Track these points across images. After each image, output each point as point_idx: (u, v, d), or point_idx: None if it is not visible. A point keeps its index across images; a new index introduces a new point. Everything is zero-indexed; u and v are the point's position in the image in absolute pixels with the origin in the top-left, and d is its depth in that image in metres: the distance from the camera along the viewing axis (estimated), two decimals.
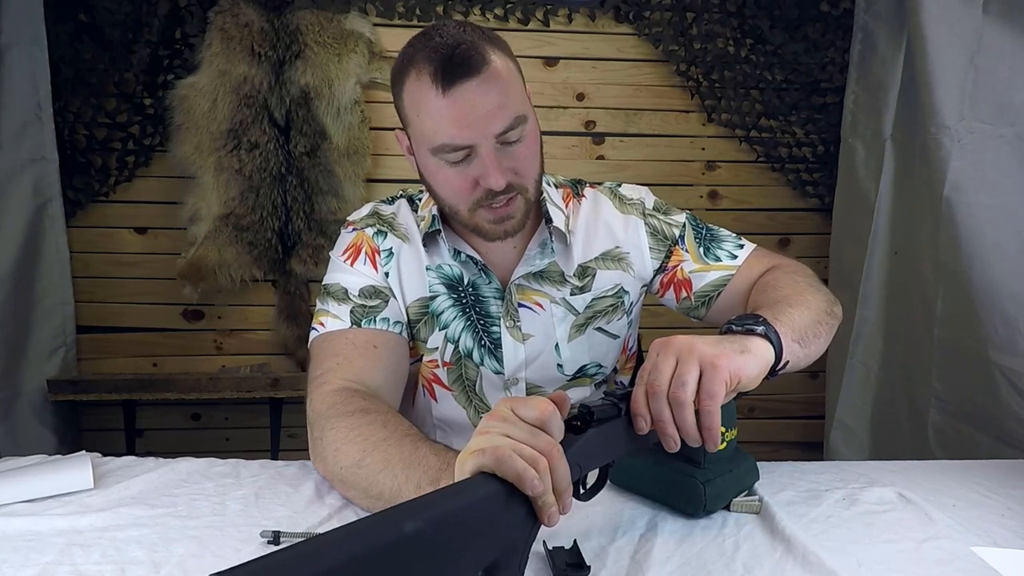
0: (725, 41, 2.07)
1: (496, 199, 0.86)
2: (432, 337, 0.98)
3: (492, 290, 0.97)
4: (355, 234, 1.00)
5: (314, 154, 1.98)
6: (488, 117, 0.81)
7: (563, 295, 0.99)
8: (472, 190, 0.86)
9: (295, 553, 0.39)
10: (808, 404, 2.27)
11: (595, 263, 1.01)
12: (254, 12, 1.92)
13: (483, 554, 0.49)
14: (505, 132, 0.83)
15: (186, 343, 2.11)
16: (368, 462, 0.74)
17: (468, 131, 0.81)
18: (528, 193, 0.89)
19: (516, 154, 0.86)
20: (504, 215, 0.88)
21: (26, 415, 1.89)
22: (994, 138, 1.42)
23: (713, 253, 1.03)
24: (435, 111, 0.81)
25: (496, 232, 0.89)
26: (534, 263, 0.97)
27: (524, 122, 0.85)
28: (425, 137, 0.85)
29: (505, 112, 0.82)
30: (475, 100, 0.80)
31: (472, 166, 0.84)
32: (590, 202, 1.04)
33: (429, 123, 0.83)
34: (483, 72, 0.81)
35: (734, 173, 2.17)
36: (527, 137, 0.86)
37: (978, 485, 0.87)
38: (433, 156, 0.85)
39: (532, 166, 0.89)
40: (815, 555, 0.67)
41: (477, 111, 0.81)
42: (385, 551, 0.41)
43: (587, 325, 1.00)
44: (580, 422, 0.61)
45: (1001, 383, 1.36)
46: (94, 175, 2.00)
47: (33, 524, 0.72)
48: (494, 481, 0.51)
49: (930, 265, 1.57)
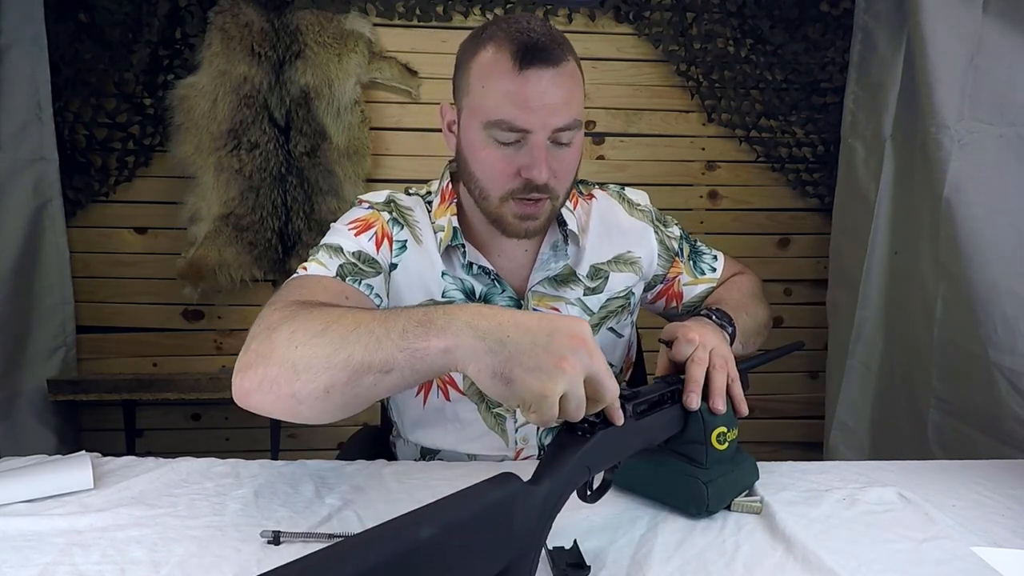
0: (725, 41, 2.07)
1: (530, 194, 0.86)
2: None
3: (506, 299, 0.97)
4: (370, 212, 0.97)
5: (314, 154, 1.98)
6: (553, 108, 0.82)
7: (577, 295, 1.00)
8: (512, 178, 0.86)
9: (307, 565, 0.39)
10: (808, 404, 2.27)
11: (608, 266, 1.02)
12: (254, 12, 1.92)
13: (496, 559, 0.49)
14: (562, 130, 0.84)
15: (186, 343, 2.11)
16: (334, 328, 0.63)
17: (531, 115, 0.82)
18: (558, 201, 0.91)
19: (562, 157, 0.87)
20: (531, 214, 0.88)
21: (26, 415, 1.89)
22: (994, 138, 1.42)
23: (699, 267, 1.12)
24: (505, 84, 0.82)
25: (518, 229, 0.90)
26: (549, 267, 0.98)
27: (579, 129, 0.87)
28: (484, 109, 0.84)
29: (568, 110, 0.84)
30: (546, 88, 0.81)
31: (520, 153, 0.84)
32: (601, 204, 1.06)
33: (494, 96, 0.83)
34: (560, 66, 0.82)
35: (734, 173, 2.17)
36: (575, 145, 0.88)
37: (978, 485, 0.87)
38: (484, 131, 0.85)
39: (570, 176, 0.90)
40: (815, 555, 0.67)
41: (545, 99, 0.81)
42: (401, 559, 0.41)
43: (600, 325, 1.02)
44: (589, 425, 0.62)
45: (1001, 383, 1.36)
46: (94, 175, 1.99)
47: (33, 524, 0.72)
48: (507, 485, 0.51)
49: (930, 265, 1.57)
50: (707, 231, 2.18)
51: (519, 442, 1.01)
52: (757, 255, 2.20)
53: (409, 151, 2.09)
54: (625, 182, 1.16)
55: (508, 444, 1.01)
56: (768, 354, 0.96)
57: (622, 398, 0.66)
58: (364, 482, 0.86)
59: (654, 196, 1.13)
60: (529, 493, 0.53)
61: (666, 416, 0.74)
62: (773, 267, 2.21)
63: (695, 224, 2.17)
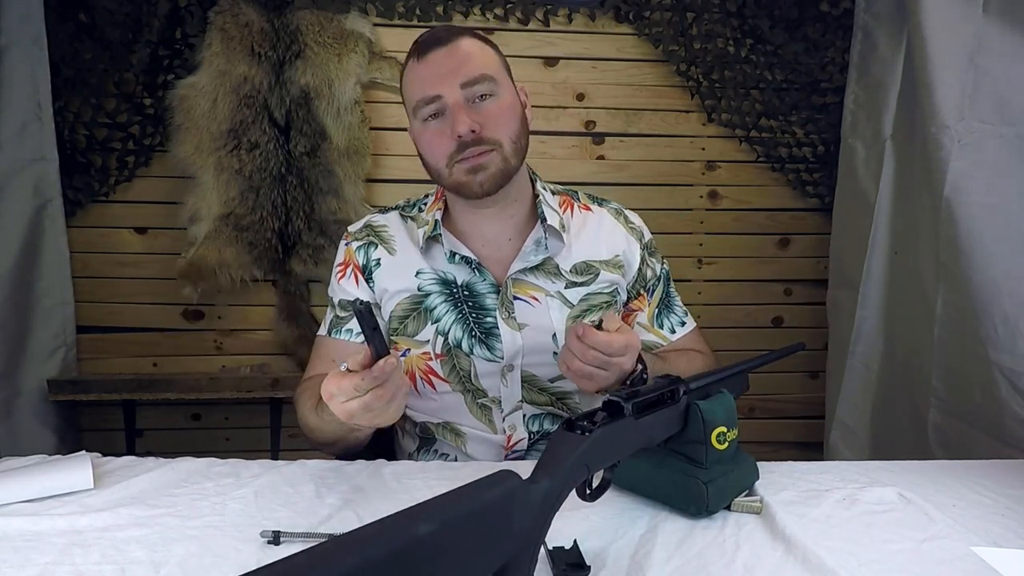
0: (725, 41, 2.07)
1: (468, 151, 0.94)
2: (423, 331, 1.03)
3: (487, 286, 1.02)
4: (345, 250, 1.10)
5: (314, 154, 1.98)
6: (453, 71, 0.94)
7: (557, 288, 1.04)
8: (447, 143, 0.95)
9: (307, 558, 0.39)
10: (808, 404, 2.27)
11: (600, 264, 1.07)
12: (254, 12, 1.92)
13: (494, 557, 0.49)
14: (470, 84, 0.94)
15: (186, 343, 2.11)
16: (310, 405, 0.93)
17: (436, 82, 0.94)
18: (504, 151, 0.96)
19: (485, 110, 0.95)
20: (477, 165, 0.95)
21: (26, 415, 1.89)
22: (994, 138, 1.42)
23: (662, 320, 1.14)
24: (413, 76, 0.97)
25: (472, 185, 0.96)
26: (529, 259, 1.03)
27: (493, 82, 0.96)
28: (410, 103, 0.98)
29: (469, 68, 0.94)
30: (442, 60, 0.94)
31: (445, 121, 0.95)
32: (598, 215, 1.13)
33: (410, 89, 0.98)
34: (452, 43, 0.95)
35: (734, 173, 2.17)
36: (499, 99, 0.96)
37: (978, 485, 0.87)
38: (416, 119, 0.98)
39: (503, 124, 0.96)
40: (815, 555, 0.67)
41: (444, 67, 0.94)
42: (398, 554, 0.41)
43: (582, 317, 1.05)
44: (588, 422, 0.62)
45: (1001, 383, 1.36)
46: (94, 175, 1.99)
47: (33, 524, 0.72)
48: (506, 483, 0.51)
49: (930, 265, 1.57)
50: (707, 231, 2.18)
51: (507, 429, 1.04)
52: (757, 255, 2.20)
53: (409, 151, 2.05)
54: (625, 182, 1.18)
55: (496, 432, 1.05)
56: (769, 355, 0.96)
57: (621, 397, 0.66)
58: (364, 482, 0.86)
59: (654, 196, 1.14)
60: (528, 491, 0.53)
61: (665, 415, 0.74)
62: (773, 267, 2.21)
63: (695, 224, 2.17)
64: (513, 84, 1.01)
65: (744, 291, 2.21)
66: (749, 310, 2.23)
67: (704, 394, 0.79)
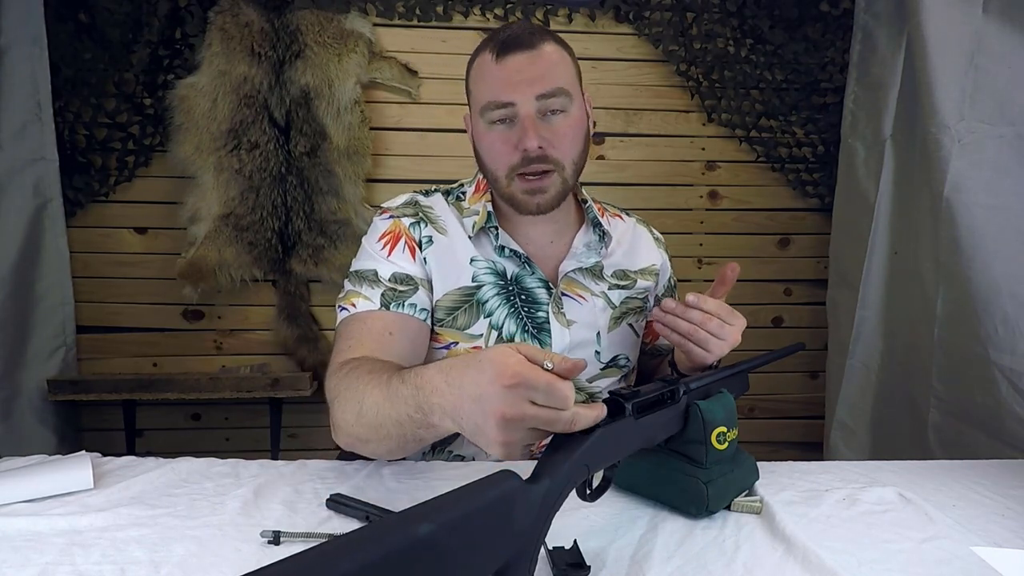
0: (725, 41, 2.07)
1: (531, 166, 0.93)
2: (476, 324, 1.01)
3: (537, 280, 1.03)
4: (391, 221, 1.02)
5: (314, 154, 1.98)
6: (531, 80, 0.91)
7: (602, 289, 1.06)
8: (511, 154, 0.93)
9: (307, 558, 0.39)
10: (808, 404, 2.27)
11: (636, 273, 1.11)
12: (254, 12, 1.92)
13: (494, 556, 0.49)
14: (546, 97, 0.91)
15: (186, 343, 2.11)
16: (364, 410, 0.76)
17: (511, 89, 0.91)
18: (564, 173, 0.96)
19: (555, 127, 0.93)
20: (537, 188, 0.95)
21: (26, 415, 1.89)
22: (994, 138, 1.42)
23: None
24: (488, 75, 0.93)
25: (529, 204, 0.96)
26: (583, 260, 1.05)
27: (567, 97, 0.93)
28: (478, 101, 0.95)
29: (548, 79, 0.92)
30: (522, 67, 0.91)
31: (513, 130, 0.93)
32: (630, 224, 1.17)
33: (482, 86, 0.94)
34: (534, 49, 0.92)
35: (734, 173, 2.17)
36: (570, 116, 0.94)
37: (978, 485, 0.87)
38: (482, 118, 0.95)
39: (569, 145, 0.95)
40: (815, 555, 0.67)
41: (523, 75, 0.91)
42: (398, 555, 0.41)
43: (622, 319, 1.08)
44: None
45: (1001, 383, 1.36)
46: (94, 175, 2.00)
47: (33, 524, 0.72)
48: (506, 483, 0.51)
49: (930, 265, 1.57)
50: (707, 231, 2.18)
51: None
52: (757, 255, 2.20)
53: (409, 151, 2.09)
54: (625, 182, 1.19)
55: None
56: (769, 355, 0.96)
57: (622, 397, 0.66)
58: (364, 482, 0.86)
59: (654, 196, 1.16)
60: (528, 491, 0.53)
61: (666, 415, 0.74)
62: (773, 267, 2.21)
63: (695, 224, 2.17)
64: (582, 93, 1.00)
65: (744, 291, 2.21)
66: (749, 310, 2.20)
67: (704, 394, 0.79)
